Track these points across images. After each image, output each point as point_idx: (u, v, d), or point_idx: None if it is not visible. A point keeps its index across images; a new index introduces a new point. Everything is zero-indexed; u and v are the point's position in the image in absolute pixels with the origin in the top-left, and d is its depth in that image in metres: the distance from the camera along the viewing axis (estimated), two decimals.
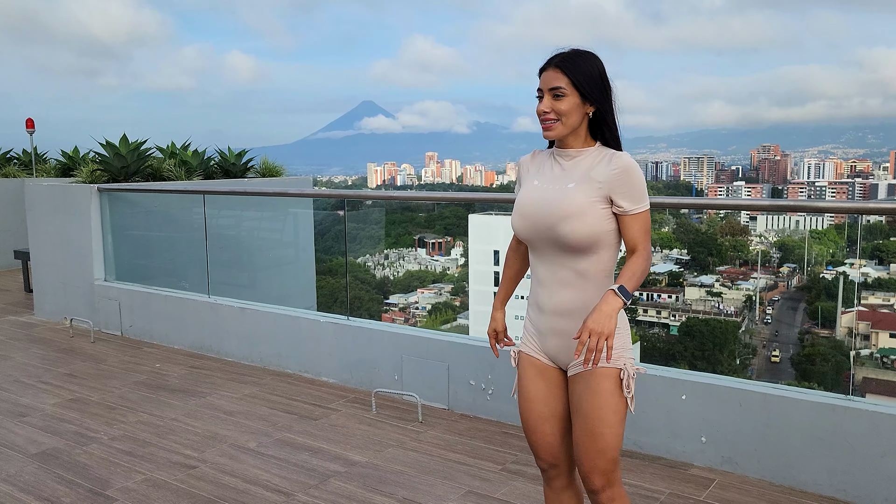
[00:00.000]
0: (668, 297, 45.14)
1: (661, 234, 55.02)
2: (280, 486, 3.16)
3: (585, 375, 2.00)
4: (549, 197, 2.00)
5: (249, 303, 5.14)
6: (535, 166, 2.13)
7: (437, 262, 40.57)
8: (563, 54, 1.99)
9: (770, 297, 43.64)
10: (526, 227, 2.05)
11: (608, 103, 2.01)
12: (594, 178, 1.97)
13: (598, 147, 2.03)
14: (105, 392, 4.48)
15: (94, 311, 6.03)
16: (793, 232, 54.53)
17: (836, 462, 2.95)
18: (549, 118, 1.98)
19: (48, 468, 3.36)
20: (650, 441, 3.41)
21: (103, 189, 6.03)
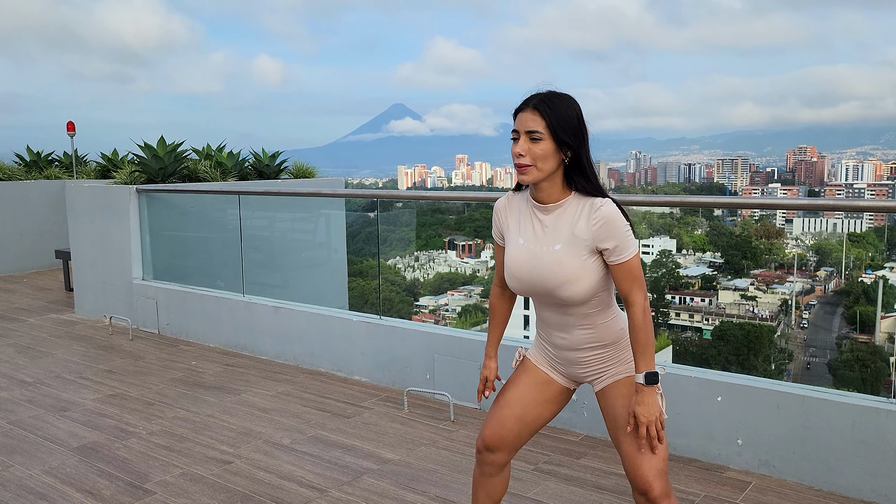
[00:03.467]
0: (701, 300, 44.44)
1: (695, 236, 54.31)
2: (314, 482, 3.19)
3: (620, 388, 2.07)
4: (540, 262, 2.00)
5: (283, 302, 5.21)
6: (514, 217, 2.11)
7: (466, 264, 40.57)
8: (541, 96, 1.95)
9: (806, 301, 42.77)
10: (524, 290, 2.09)
11: (585, 148, 1.97)
12: (578, 236, 1.97)
13: (575, 196, 2.00)
14: (143, 388, 4.57)
15: (132, 310, 6.16)
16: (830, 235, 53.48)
17: (879, 466, 2.88)
18: (525, 162, 1.94)
19: (89, 461, 3.44)
20: (685, 443, 3.37)
21: (141, 190, 6.15)
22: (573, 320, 2.07)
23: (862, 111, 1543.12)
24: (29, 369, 5.01)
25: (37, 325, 6.37)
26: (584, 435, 3.66)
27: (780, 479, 3.11)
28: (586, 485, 3.10)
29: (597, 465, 3.30)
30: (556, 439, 3.58)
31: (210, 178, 6.91)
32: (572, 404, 3.69)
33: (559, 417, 3.73)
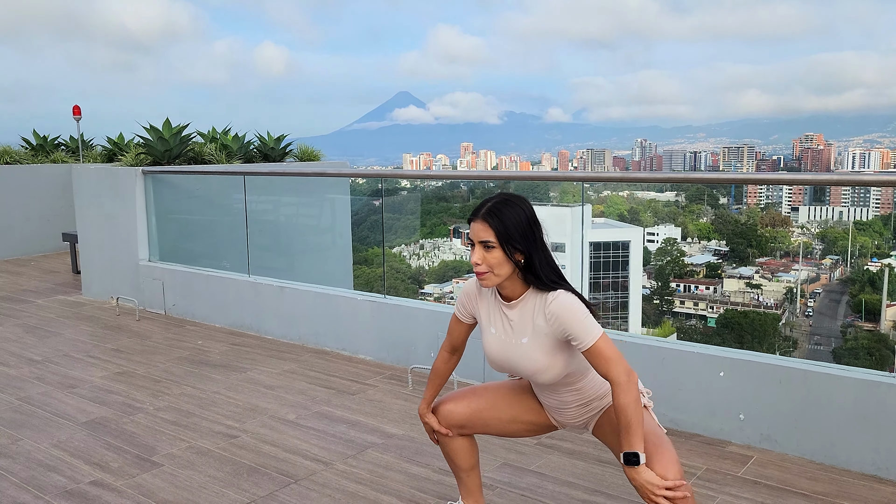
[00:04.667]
0: (705, 288, 44.15)
1: (700, 224, 53.59)
2: (319, 455, 3.23)
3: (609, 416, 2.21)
4: (513, 353, 2.16)
5: (289, 282, 5.23)
6: (484, 306, 2.25)
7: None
8: (490, 206, 2.05)
9: (812, 289, 42.49)
10: (505, 371, 2.27)
11: (537, 247, 2.07)
12: (540, 331, 2.10)
13: (532, 293, 2.11)
14: (150, 366, 4.61)
15: (138, 291, 6.20)
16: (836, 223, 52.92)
17: (879, 439, 2.90)
18: (482, 270, 2.06)
19: (97, 435, 3.49)
20: (687, 418, 3.39)
21: (147, 171, 6.17)
22: (558, 387, 2.24)
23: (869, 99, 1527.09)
24: (37, 348, 5.05)
25: (44, 307, 6.42)
26: None
27: (781, 453, 3.13)
28: (588, 458, 3.13)
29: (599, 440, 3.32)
30: None
31: (215, 160, 6.93)
32: None
33: None
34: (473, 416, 2.35)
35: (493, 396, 2.38)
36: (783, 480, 2.90)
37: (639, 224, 43.49)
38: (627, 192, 53.37)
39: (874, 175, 3.93)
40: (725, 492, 2.82)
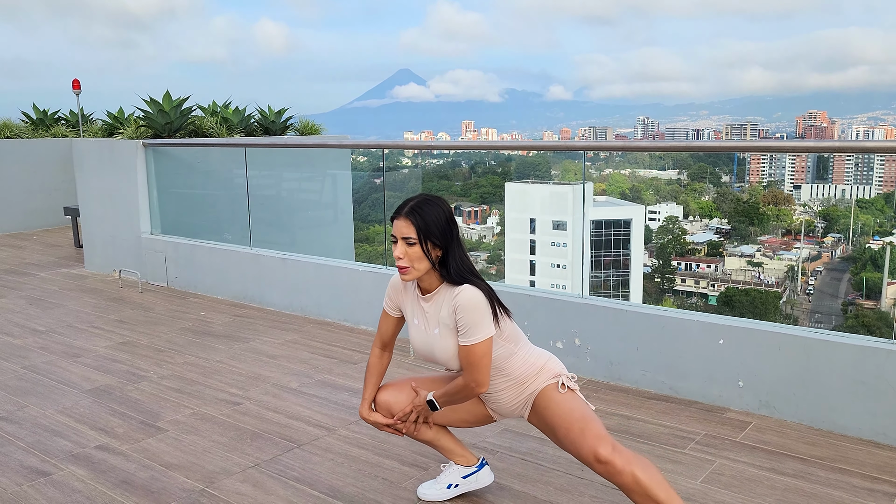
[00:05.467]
0: (706, 266, 44.11)
1: (702, 202, 53.39)
2: (321, 421, 3.26)
3: (541, 401, 2.30)
4: (430, 343, 2.32)
5: (290, 254, 5.25)
6: (407, 300, 2.40)
7: (473, 230, 40.42)
8: (412, 205, 2.22)
9: (813, 267, 42.47)
10: (427, 361, 2.40)
11: (454, 244, 2.24)
12: (446, 322, 2.25)
13: (445, 287, 2.27)
14: (153, 336, 4.64)
15: (141, 264, 6.22)
16: (839, 201, 52.71)
17: (878, 404, 2.93)
18: (403, 264, 2.21)
19: (101, 402, 3.52)
20: (686, 386, 3.42)
21: (148, 144, 6.16)
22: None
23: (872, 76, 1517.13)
24: (41, 319, 5.09)
25: (48, 279, 6.45)
26: (587, 379, 3.71)
27: (779, 419, 3.16)
28: None
29: (599, 407, 3.35)
30: None
31: (216, 133, 6.91)
32: (577, 349, 3.74)
33: (563, 362, 3.78)
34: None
35: (429, 385, 2.43)
36: (781, 445, 2.93)
37: (640, 202, 43.42)
38: (629, 170, 53.20)
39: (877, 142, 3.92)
40: (724, 456, 2.85)
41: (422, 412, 2.39)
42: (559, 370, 2.35)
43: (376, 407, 2.46)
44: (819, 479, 2.65)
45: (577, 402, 2.27)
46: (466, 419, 2.50)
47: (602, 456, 2.08)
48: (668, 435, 3.05)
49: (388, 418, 2.44)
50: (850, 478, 2.66)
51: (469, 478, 2.54)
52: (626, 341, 3.59)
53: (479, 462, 2.56)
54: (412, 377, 2.51)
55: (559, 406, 2.25)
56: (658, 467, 2.14)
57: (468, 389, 2.24)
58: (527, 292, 3.96)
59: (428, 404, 2.35)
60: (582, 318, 3.73)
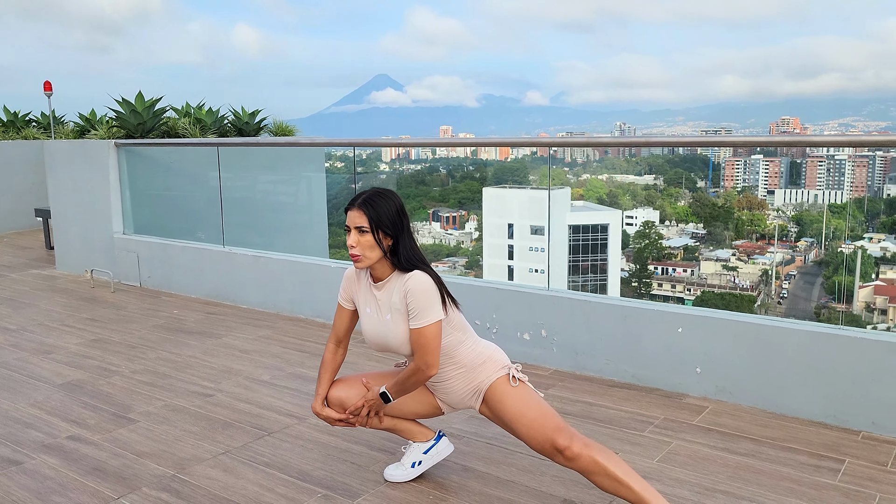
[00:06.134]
0: (683, 271, 44.60)
1: (678, 208, 53.96)
2: (293, 411, 3.32)
3: (494, 393, 2.38)
4: (382, 329, 2.40)
5: (263, 252, 5.30)
6: (361, 290, 2.48)
7: (451, 235, 40.44)
8: (365, 197, 2.33)
9: (787, 271, 43.18)
10: (379, 349, 2.47)
11: (404, 233, 2.34)
12: (398, 307, 2.34)
13: (396, 274, 2.37)
14: (126, 334, 4.66)
15: (113, 264, 6.22)
16: (811, 206, 53.63)
17: (828, 388, 3.06)
18: (356, 253, 2.32)
19: (73, 396, 3.55)
20: (647, 374, 3.53)
21: (120, 144, 6.17)
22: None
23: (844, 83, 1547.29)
24: (12, 318, 5.08)
25: (19, 280, 6.42)
26: (553, 370, 3.81)
27: (735, 403, 3.29)
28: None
29: (564, 395, 3.45)
30: (528, 373, 3.71)
31: (189, 134, 6.93)
32: (543, 341, 3.84)
33: (530, 354, 3.89)
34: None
35: (380, 379, 2.50)
36: (735, 427, 3.05)
37: (618, 207, 43.83)
38: (606, 175, 53.66)
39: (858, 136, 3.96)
40: (680, 437, 2.96)
41: (374, 406, 2.46)
42: (505, 361, 2.45)
43: (328, 403, 2.52)
44: (769, 458, 2.77)
45: (530, 395, 2.37)
46: (416, 411, 2.57)
47: (561, 445, 2.21)
48: (628, 419, 3.15)
49: (340, 413, 2.50)
50: (798, 456, 2.78)
51: (430, 452, 2.62)
52: (590, 332, 3.70)
53: (437, 435, 2.65)
54: (363, 373, 2.58)
55: (514, 401, 2.34)
56: (615, 450, 2.26)
57: (419, 373, 2.32)
58: (495, 286, 4.05)
59: (381, 396, 2.41)
60: (548, 311, 3.83)
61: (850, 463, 2.72)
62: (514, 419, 2.33)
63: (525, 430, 2.31)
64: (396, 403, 2.50)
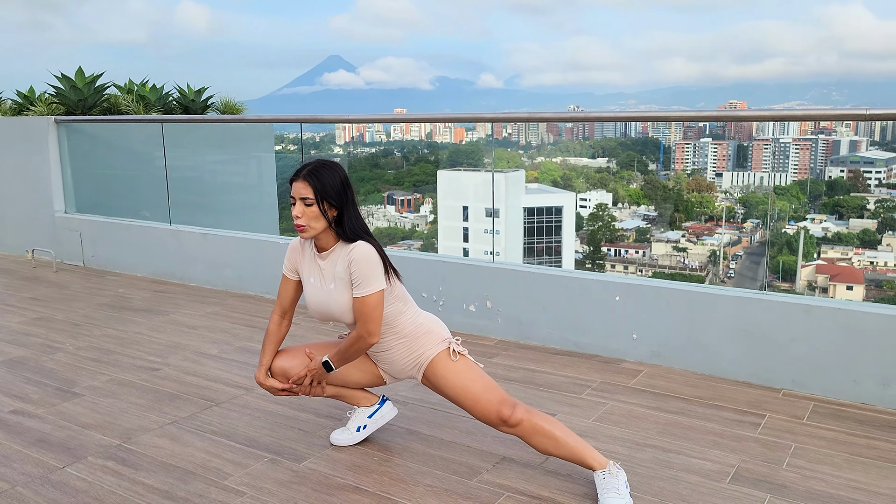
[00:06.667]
0: (635, 252, 45.51)
1: (630, 190, 54.82)
2: (240, 383, 3.36)
3: (435, 368, 2.46)
4: (325, 298, 2.44)
5: (212, 229, 5.27)
6: (305, 261, 2.52)
7: (406, 218, 40.43)
8: (310, 167, 2.36)
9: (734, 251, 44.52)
10: (321, 318, 2.52)
11: (349, 205, 2.39)
12: (341, 276, 2.39)
13: (340, 245, 2.42)
14: (69, 312, 4.60)
15: (55, 243, 6.10)
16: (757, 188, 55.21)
17: (752, 349, 3.24)
18: (301, 223, 2.36)
19: (16, 372, 3.51)
20: (587, 341, 3.67)
21: (60, 121, 6.03)
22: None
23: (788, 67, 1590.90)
24: None
25: None
26: (497, 340, 3.92)
27: (668, 367, 3.45)
28: (497, 378, 3.36)
29: (508, 363, 3.57)
30: (473, 343, 3.83)
31: (133, 111, 6.79)
32: (488, 312, 3.95)
33: (475, 325, 3.99)
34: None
35: (323, 349, 2.56)
36: (667, 388, 3.21)
37: (572, 190, 44.36)
38: (560, 158, 54.19)
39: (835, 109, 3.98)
40: (616, 399, 3.10)
41: (317, 375, 2.50)
42: (446, 334, 2.53)
43: (272, 373, 2.56)
44: (697, 415, 2.94)
45: (472, 368, 2.45)
46: (359, 380, 2.62)
47: (505, 415, 2.33)
48: (567, 384, 3.29)
49: (283, 383, 2.54)
50: (724, 412, 2.96)
51: (374, 416, 2.70)
52: (533, 302, 3.81)
53: (381, 399, 2.73)
54: (307, 343, 2.62)
55: (456, 375, 2.43)
56: (554, 412, 2.39)
57: (361, 340, 2.38)
58: (442, 259, 4.13)
59: (324, 365, 2.46)
60: (492, 282, 3.93)
61: (770, 417, 2.90)
62: (458, 394, 2.43)
63: (470, 403, 2.41)
64: (339, 373, 2.56)
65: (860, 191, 43.89)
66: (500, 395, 2.39)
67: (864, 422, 2.86)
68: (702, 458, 2.58)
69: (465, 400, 2.42)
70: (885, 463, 2.54)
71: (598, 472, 2.29)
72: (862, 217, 40.37)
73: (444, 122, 5.40)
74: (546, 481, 2.43)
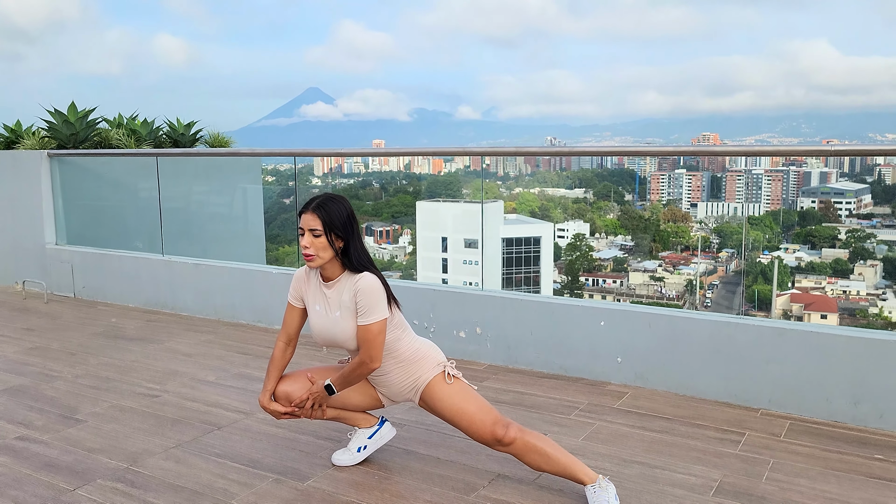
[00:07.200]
0: (612, 282, 45.92)
1: (606, 220, 55.42)
2: (240, 407, 3.46)
3: (432, 391, 2.59)
4: (330, 325, 2.57)
5: (203, 259, 5.37)
6: (311, 289, 2.65)
7: (384, 249, 40.59)
8: (319, 201, 2.50)
9: (710, 281, 45.13)
10: (326, 344, 2.66)
11: (354, 236, 2.53)
12: (347, 305, 2.53)
13: (346, 275, 2.55)
14: (64, 341, 4.66)
15: (46, 274, 6.15)
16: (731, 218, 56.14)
17: (730, 371, 3.41)
18: (309, 253, 2.49)
19: (17, 400, 3.58)
20: (573, 364, 3.82)
21: (53, 154, 6.13)
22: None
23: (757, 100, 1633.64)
24: None
25: None
26: (487, 364, 4.06)
27: (652, 388, 3.61)
28: (488, 400, 3.49)
29: (498, 386, 3.71)
30: (464, 368, 3.94)
31: (124, 145, 6.91)
32: (478, 338, 4.09)
33: (465, 350, 4.13)
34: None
35: (324, 374, 2.69)
36: (651, 409, 3.37)
37: (549, 220, 44.81)
38: (538, 188, 54.88)
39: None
40: (602, 419, 3.25)
41: (318, 398, 2.63)
42: (441, 358, 2.67)
43: (276, 397, 2.67)
44: (680, 433, 3.09)
45: (466, 391, 2.60)
46: (359, 403, 2.75)
47: (499, 435, 2.48)
48: (556, 405, 3.43)
49: (286, 406, 2.66)
50: (705, 431, 3.12)
51: (374, 437, 2.82)
52: (520, 327, 3.97)
53: (380, 421, 2.85)
54: (308, 369, 2.75)
55: (451, 398, 2.57)
56: (544, 431, 2.54)
57: (364, 366, 2.52)
58: (433, 287, 4.28)
59: (326, 389, 2.59)
60: (482, 309, 4.09)
61: (749, 435, 3.07)
62: (454, 415, 2.57)
63: (466, 424, 2.55)
64: (340, 396, 2.68)
65: (831, 221, 44.81)
66: (494, 415, 2.53)
67: (837, 438, 3.03)
68: (686, 474, 2.73)
69: (460, 420, 2.56)
70: (857, 476, 2.71)
71: (588, 486, 2.43)
72: (834, 247, 41.17)
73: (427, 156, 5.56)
74: (540, 496, 2.56)
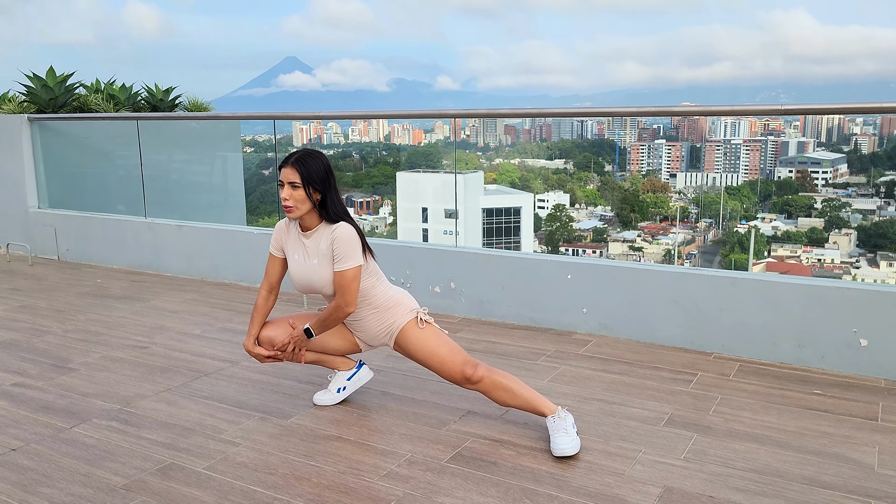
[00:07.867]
0: (592, 252, 46.39)
1: (587, 191, 55.59)
2: (226, 357, 3.64)
3: (406, 334, 2.78)
4: (308, 273, 2.74)
5: (186, 221, 5.50)
6: (290, 239, 2.81)
7: (365, 220, 40.57)
8: (298, 156, 2.66)
9: (688, 250, 45.71)
10: (304, 291, 2.83)
11: (331, 189, 2.69)
12: (324, 253, 2.70)
13: (323, 225, 2.72)
14: (52, 300, 4.80)
15: (29, 238, 6.24)
16: (710, 188, 56.63)
17: (686, 319, 3.65)
18: (289, 205, 2.65)
19: (10, 352, 3.73)
20: (543, 316, 4.05)
21: (34, 118, 6.18)
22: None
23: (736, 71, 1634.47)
24: None
25: None
26: (461, 317, 4.28)
27: (615, 337, 3.85)
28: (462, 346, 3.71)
29: (471, 336, 3.92)
30: (439, 322, 4.15)
31: (103, 110, 6.95)
32: (452, 293, 4.30)
33: (440, 305, 4.33)
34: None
35: (305, 320, 2.86)
36: (613, 355, 3.60)
37: (530, 191, 44.98)
38: (519, 159, 54.93)
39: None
40: (567, 364, 3.48)
41: (299, 342, 2.81)
42: (414, 305, 2.87)
43: (259, 342, 2.86)
44: (637, 375, 3.33)
45: (437, 335, 2.80)
46: (337, 347, 2.94)
47: (468, 373, 2.69)
48: (525, 353, 3.65)
49: (269, 350, 2.85)
50: (661, 373, 3.36)
51: (352, 378, 3.02)
52: (493, 282, 4.18)
53: (358, 364, 3.06)
54: (290, 315, 2.93)
55: (424, 342, 2.77)
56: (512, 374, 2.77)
57: (339, 310, 2.70)
58: (409, 244, 4.47)
59: (305, 332, 2.78)
60: (456, 265, 4.28)
61: (701, 375, 3.31)
62: (426, 358, 2.77)
63: (437, 365, 2.75)
64: (319, 340, 2.87)
65: (808, 190, 45.43)
66: (463, 356, 2.74)
67: (781, 377, 3.29)
68: (640, 408, 2.96)
69: (432, 362, 2.76)
70: (796, 408, 2.96)
71: (549, 417, 2.66)
72: (810, 216, 41.85)
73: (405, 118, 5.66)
74: (506, 429, 2.79)
